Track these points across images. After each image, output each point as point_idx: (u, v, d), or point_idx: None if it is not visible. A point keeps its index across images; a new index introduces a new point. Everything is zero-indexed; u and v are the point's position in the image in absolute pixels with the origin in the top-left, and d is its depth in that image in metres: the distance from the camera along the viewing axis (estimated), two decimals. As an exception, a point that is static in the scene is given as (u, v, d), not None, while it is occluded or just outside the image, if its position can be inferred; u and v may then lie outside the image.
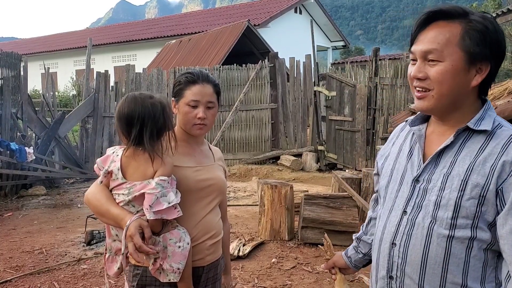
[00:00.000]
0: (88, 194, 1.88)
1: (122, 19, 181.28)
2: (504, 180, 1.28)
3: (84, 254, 5.24)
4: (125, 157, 1.82)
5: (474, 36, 1.33)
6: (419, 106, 1.41)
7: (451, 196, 1.33)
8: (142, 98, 1.83)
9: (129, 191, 1.79)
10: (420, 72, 1.37)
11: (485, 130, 1.35)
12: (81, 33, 32.97)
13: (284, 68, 11.59)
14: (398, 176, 1.50)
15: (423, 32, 1.38)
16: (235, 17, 23.92)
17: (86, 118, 10.98)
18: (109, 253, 1.92)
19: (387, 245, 1.46)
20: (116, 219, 1.79)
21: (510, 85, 4.87)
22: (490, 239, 1.33)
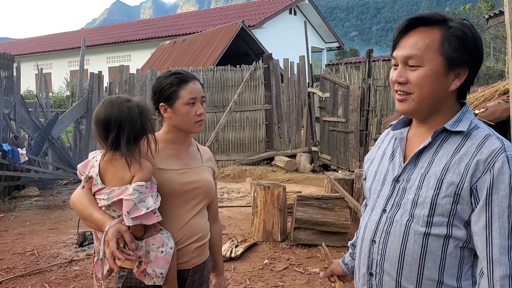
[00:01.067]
0: (73, 198, 1.88)
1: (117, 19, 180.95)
2: (478, 178, 1.33)
3: (76, 255, 5.22)
4: (104, 162, 1.81)
5: (453, 42, 1.38)
6: (400, 109, 1.47)
7: (428, 194, 1.38)
8: (119, 102, 1.81)
9: (108, 196, 1.78)
10: (401, 77, 1.42)
11: (461, 131, 1.40)
12: (75, 34, 32.85)
13: (278, 69, 11.60)
14: (380, 177, 1.56)
15: (404, 38, 1.43)
16: (230, 18, 23.92)
17: (79, 119, 10.95)
18: (97, 256, 1.90)
19: (368, 242, 1.51)
20: (98, 223, 1.79)
21: (501, 86, 4.90)
22: (465, 237, 1.36)
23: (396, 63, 1.45)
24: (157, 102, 2.01)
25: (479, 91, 5.18)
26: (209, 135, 11.24)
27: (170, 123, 2.02)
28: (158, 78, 2.05)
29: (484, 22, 15.22)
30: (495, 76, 18.72)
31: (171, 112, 1.99)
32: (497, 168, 1.30)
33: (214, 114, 11.40)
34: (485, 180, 1.31)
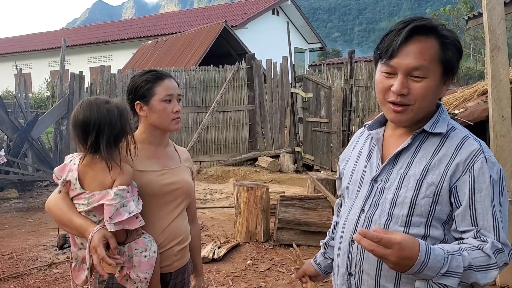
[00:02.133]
0: (49, 203, 1.82)
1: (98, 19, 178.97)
2: (457, 178, 1.35)
3: (57, 258, 5.14)
4: (82, 166, 1.76)
5: (451, 50, 1.39)
6: (397, 119, 1.43)
7: (407, 194, 1.39)
8: (97, 104, 1.76)
9: (88, 201, 1.73)
10: (404, 88, 1.37)
11: (440, 132, 1.42)
12: (56, 34, 32.41)
13: (261, 69, 11.60)
14: (357, 177, 1.55)
15: (403, 46, 1.37)
16: (213, 18, 23.85)
17: (60, 120, 10.80)
18: (75, 262, 1.86)
19: (347, 242, 1.51)
20: (79, 229, 1.74)
21: (480, 87, 4.97)
22: (442, 237, 1.38)
23: (392, 72, 1.39)
24: (133, 100, 1.98)
25: (458, 91, 5.25)
26: (192, 136, 11.18)
27: (146, 122, 1.99)
28: (133, 77, 2.03)
29: (463, 23, 15.44)
30: (474, 77, 19.02)
31: (147, 110, 1.96)
32: (477, 168, 1.34)
33: (196, 114, 11.36)
34: (465, 180, 1.34)
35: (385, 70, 1.41)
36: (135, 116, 2.01)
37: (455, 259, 1.24)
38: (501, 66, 4.18)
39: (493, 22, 4.15)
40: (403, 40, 1.36)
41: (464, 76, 16.30)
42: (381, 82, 1.43)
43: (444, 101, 5.09)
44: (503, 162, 4.11)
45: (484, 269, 1.28)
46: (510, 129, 4.16)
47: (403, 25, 1.38)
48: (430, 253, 1.22)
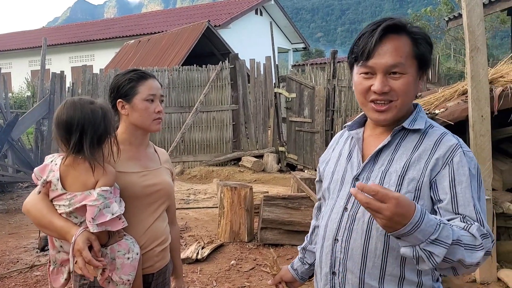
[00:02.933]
0: (27, 204, 1.78)
1: (80, 18, 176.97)
2: (437, 172, 1.38)
3: (38, 260, 5.07)
4: (64, 166, 1.74)
5: (423, 45, 1.43)
6: (382, 118, 1.44)
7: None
8: (81, 104, 1.75)
9: (69, 202, 1.71)
10: (385, 86, 1.40)
11: (418, 129, 1.45)
12: (37, 32, 31.94)
13: (245, 69, 11.60)
14: (338, 177, 1.57)
15: (378, 46, 1.40)
16: (196, 17, 23.78)
17: (41, 120, 10.65)
18: (53, 265, 1.83)
19: (330, 241, 1.50)
20: (60, 232, 1.71)
21: (460, 87, 5.03)
22: None
23: (370, 72, 1.42)
24: (115, 98, 1.97)
25: (439, 91, 5.31)
26: (175, 136, 11.13)
27: (127, 121, 1.98)
28: (117, 76, 2.02)
29: (444, 24, 15.65)
30: (455, 77, 19.28)
31: (128, 108, 1.95)
32: (456, 161, 1.37)
33: (180, 114, 11.30)
34: (444, 173, 1.37)
35: (364, 71, 1.43)
36: (116, 115, 1.99)
37: (446, 228, 1.22)
38: (481, 66, 4.25)
39: (473, 23, 4.22)
40: (378, 40, 1.39)
41: (445, 76, 16.51)
42: (361, 84, 1.44)
43: (425, 101, 5.15)
44: (482, 161, 4.18)
45: (470, 248, 1.26)
46: (489, 128, 4.23)
47: (374, 27, 1.41)
48: (425, 216, 1.19)
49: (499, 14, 16.21)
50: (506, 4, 8.26)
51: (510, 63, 5.09)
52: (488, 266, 4.21)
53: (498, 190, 4.74)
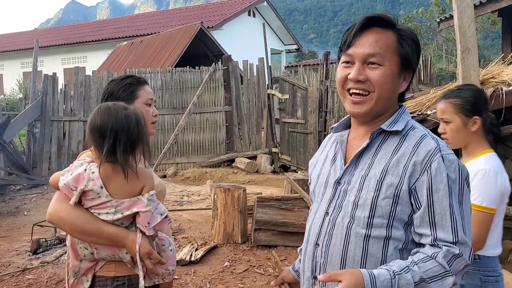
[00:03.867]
0: (61, 213, 1.75)
1: (72, 20, 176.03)
2: (416, 179, 1.36)
3: (30, 263, 5.04)
4: (105, 174, 1.74)
5: (409, 44, 1.43)
6: (357, 111, 1.44)
7: (368, 196, 1.40)
8: (115, 109, 1.76)
9: (116, 210, 1.73)
10: (360, 75, 1.41)
11: (398, 131, 1.43)
12: (29, 34, 31.73)
13: (238, 70, 11.60)
14: (323, 180, 1.56)
15: (360, 36, 1.42)
16: (189, 19, 23.73)
17: (33, 122, 10.61)
18: (74, 277, 1.84)
19: (312, 246, 1.50)
20: (114, 238, 1.74)
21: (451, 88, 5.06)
22: (404, 238, 1.39)
23: (349, 60, 1.44)
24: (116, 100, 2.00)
25: (431, 92, 5.34)
26: (168, 137, 11.11)
27: None
28: (112, 81, 2.05)
29: (436, 25, 15.74)
30: (447, 78, 19.37)
31: None
32: (434, 168, 1.34)
33: (173, 116, 11.28)
34: (423, 181, 1.35)
35: (344, 60, 1.45)
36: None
37: (402, 277, 1.27)
38: (472, 67, 4.28)
39: (464, 24, 4.24)
40: (358, 30, 1.41)
41: (437, 77, 16.59)
42: (340, 72, 1.46)
43: (417, 102, 5.17)
44: (474, 161, 4.20)
45: (439, 278, 1.29)
46: (481, 129, 4.26)
47: (361, 19, 1.45)
48: (376, 282, 1.25)
49: (490, 15, 16.34)
50: (497, 5, 8.32)
51: (501, 64, 5.13)
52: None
53: (489, 190, 4.77)
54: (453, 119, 2.13)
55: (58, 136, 10.70)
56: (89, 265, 1.81)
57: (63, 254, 5.22)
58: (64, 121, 10.76)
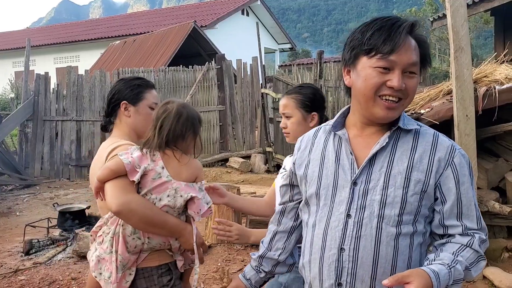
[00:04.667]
0: (131, 203, 1.74)
1: (65, 19, 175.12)
2: (441, 174, 1.41)
3: (22, 264, 5.00)
4: (165, 157, 1.85)
5: (425, 47, 1.44)
6: (390, 116, 1.41)
7: (397, 193, 1.39)
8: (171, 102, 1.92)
9: (175, 191, 1.81)
10: (403, 84, 1.38)
11: (411, 129, 1.44)
12: (20, 33, 31.52)
13: (232, 70, 11.58)
14: (329, 181, 1.48)
15: (402, 43, 1.36)
16: (182, 18, 23.68)
17: (25, 122, 10.54)
18: (122, 271, 1.85)
19: (333, 251, 1.43)
20: (176, 229, 1.84)
21: (445, 87, 5.08)
22: (424, 232, 1.43)
23: (389, 67, 1.37)
24: (118, 99, 2.06)
25: (424, 91, 5.36)
26: (162, 137, 11.06)
27: (127, 125, 2.07)
28: (122, 80, 2.13)
29: (429, 24, 15.80)
30: (440, 77, 19.47)
31: (133, 111, 2.06)
32: (457, 163, 1.41)
33: (166, 115, 11.23)
34: (447, 175, 1.41)
35: (382, 65, 1.36)
36: (112, 117, 2.10)
37: (455, 269, 1.32)
38: (465, 66, 4.29)
39: (457, 23, 4.25)
40: (404, 36, 1.36)
41: (430, 76, 16.67)
42: (375, 77, 1.38)
43: (410, 101, 5.18)
44: (467, 160, 4.22)
45: (475, 264, 1.38)
46: (474, 127, 4.28)
47: (391, 22, 1.38)
48: (439, 278, 1.28)
49: (482, 14, 16.42)
50: (489, 5, 8.36)
51: (494, 63, 5.15)
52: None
53: (483, 189, 4.80)
54: (294, 113, 2.25)
55: (50, 136, 10.63)
56: (134, 258, 1.86)
57: (56, 255, 5.19)
58: (56, 120, 10.70)
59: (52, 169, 10.63)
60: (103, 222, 1.95)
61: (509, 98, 4.56)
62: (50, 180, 10.39)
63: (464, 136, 4.23)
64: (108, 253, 1.86)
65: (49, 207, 7.79)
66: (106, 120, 2.15)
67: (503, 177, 4.88)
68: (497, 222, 4.70)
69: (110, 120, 2.14)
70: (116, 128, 2.12)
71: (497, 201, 4.49)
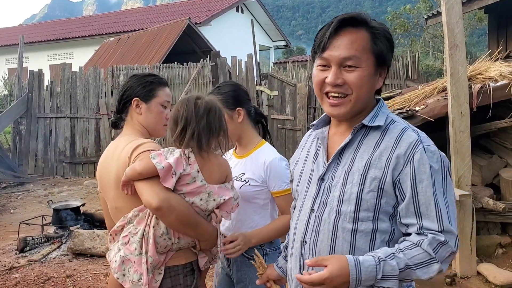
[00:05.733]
0: (170, 201, 1.72)
1: (58, 15, 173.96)
2: (400, 171, 1.38)
3: (17, 262, 4.98)
4: (200, 159, 1.82)
5: (383, 42, 1.43)
6: (336, 113, 1.46)
7: (353, 190, 1.40)
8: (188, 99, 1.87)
9: (208, 195, 1.79)
10: (338, 78, 1.41)
11: (379, 126, 1.44)
12: (13, 30, 31.30)
13: (226, 67, 11.55)
14: (306, 177, 1.56)
15: (335, 38, 1.41)
16: (176, 14, 23.59)
17: (19, 119, 10.47)
18: (152, 271, 1.83)
19: (299, 243, 1.51)
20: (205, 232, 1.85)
21: (440, 84, 5.10)
22: (390, 229, 1.41)
23: (326, 64, 1.43)
24: (129, 96, 2.02)
25: (419, 88, 5.37)
26: (157, 134, 11.03)
27: (138, 122, 2.04)
28: (134, 76, 2.10)
29: (423, 22, 15.84)
30: (434, 74, 19.51)
31: (144, 108, 2.03)
32: (416, 159, 1.37)
33: (161, 112, 11.20)
34: (406, 172, 1.37)
35: (320, 63, 1.45)
36: (123, 114, 2.07)
37: (387, 264, 1.29)
38: (459, 64, 4.31)
39: (452, 21, 4.27)
40: (333, 32, 1.40)
41: (424, 73, 16.72)
42: (317, 76, 1.46)
43: (405, 98, 5.20)
44: (462, 156, 4.24)
45: (424, 265, 1.32)
46: (469, 124, 4.30)
47: (333, 20, 1.44)
48: (361, 267, 1.28)
49: (476, 12, 16.49)
50: (483, 2, 8.39)
51: (488, 60, 5.18)
52: (468, 260, 4.28)
53: (477, 186, 4.83)
54: None
55: (44, 133, 10.58)
56: (163, 257, 1.85)
57: (51, 252, 5.17)
58: (50, 118, 10.64)
59: (46, 167, 10.58)
60: (126, 222, 1.89)
61: (503, 95, 4.59)
62: (44, 177, 10.34)
63: (458, 133, 4.25)
64: (136, 254, 1.81)
65: (43, 204, 7.76)
66: (117, 116, 2.11)
67: (497, 174, 4.91)
68: (491, 218, 4.73)
69: (121, 117, 2.10)
70: (127, 125, 2.07)
71: (491, 197, 4.52)
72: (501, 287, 4.00)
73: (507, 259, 4.55)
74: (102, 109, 10.64)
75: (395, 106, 5.05)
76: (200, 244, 1.89)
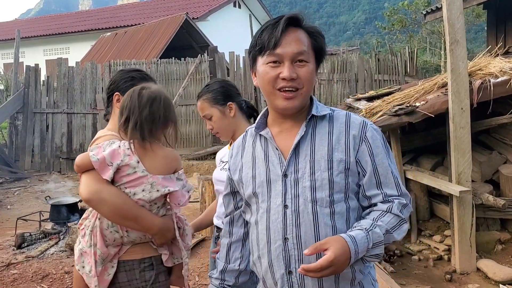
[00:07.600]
0: (101, 193, 1.73)
1: (54, 10, 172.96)
2: (358, 150, 1.51)
3: (14, 258, 4.95)
4: (140, 150, 1.79)
5: (319, 39, 1.53)
6: (290, 106, 1.50)
7: (324, 176, 1.47)
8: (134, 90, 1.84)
9: (151, 186, 1.77)
10: (293, 73, 1.47)
11: (324, 115, 1.54)
12: (9, 25, 31.12)
13: (224, 62, 11.52)
14: (262, 179, 1.56)
15: (284, 36, 1.47)
16: (173, 9, 23.50)
17: (15, 115, 10.42)
18: (102, 265, 1.82)
19: (279, 243, 1.50)
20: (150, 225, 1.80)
21: (440, 80, 5.08)
22: (358, 205, 1.52)
23: (278, 60, 1.48)
24: (112, 91, 2.05)
25: (419, 84, 5.36)
26: (154, 130, 11.00)
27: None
28: (121, 71, 2.12)
29: (421, 17, 15.81)
30: (431, 70, 19.54)
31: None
32: (369, 137, 1.51)
33: (159, 108, 11.16)
34: (363, 149, 1.50)
35: (271, 60, 1.48)
36: (109, 106, 2.10)
37: (374, 232, 1.40)
38: (460, 59, 4.29)
39: (453, 16, 4.25)
40: (284, 29, 1.46)
41: (421, 69, 16.72)
42: (268, 73, 1.49)
43: (405, 94, 5.18)
44: (462, 153, 4.23)
45: (397, 227, 1.46)
46: (469, 120, 4.29)
47: (276, 20, 1.50)
48: (356, 242, 1.37)
49: (474, 8, 16.47)
50: (482, -2, 8.35)
51: (488, 56, 5.16)
52: (468, 256, 4.28)
53: (477, 182, 4.82)
54: (212, 112, 2.26)
55: (41, 128, 10.52)
56: (115, 251, 1.83)
57: (49, 248, 5.14)
58: (47, 113, 10.58)
59: (43, 162, 10.54)
60: (87, 215, 1.93)
61: (503, 91, 4.58)
62: (41, 173, 10.29)
63: (459, 129, 4.24)
64: (88, 246, 1.84)
65: (40, 200, 7.72)
66: (107, 110, 2.16)
67: (497, 170, 4.91)
68: (490, 214, 4.73)
69: (109, 110, 2.14)
70: (111, 119, 2.10)
71: (490, 193, 4.52)
72: (501, 283, 4.01)
73: (506, 255, 4.55)
74: (99, 104, 10.59)
75: (395, 102, 5.03)
76: (153, 238, 1.87)
